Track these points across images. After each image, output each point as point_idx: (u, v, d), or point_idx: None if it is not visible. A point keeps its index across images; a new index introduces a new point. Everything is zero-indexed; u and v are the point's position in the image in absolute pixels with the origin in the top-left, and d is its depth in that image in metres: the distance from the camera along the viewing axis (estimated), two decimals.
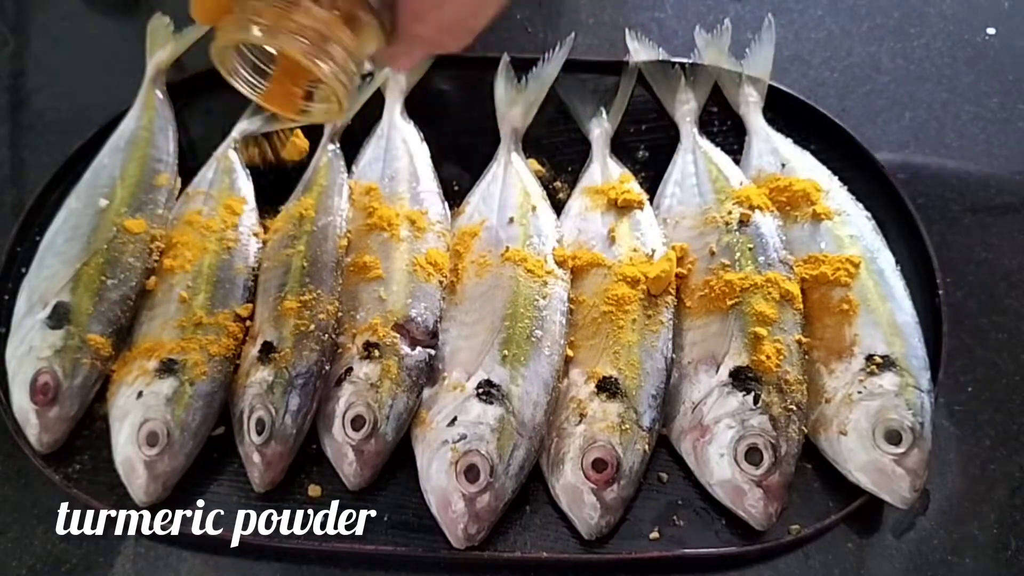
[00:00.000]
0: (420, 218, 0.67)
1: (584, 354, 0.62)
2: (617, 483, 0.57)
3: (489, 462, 0.56)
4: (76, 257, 0.65)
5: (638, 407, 0.59)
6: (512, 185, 0.70)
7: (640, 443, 0.58)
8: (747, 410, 0.58)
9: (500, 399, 0.59)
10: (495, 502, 0.56)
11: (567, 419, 0.59)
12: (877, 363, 0.60)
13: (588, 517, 0.56)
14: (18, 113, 0.80)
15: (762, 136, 0.73)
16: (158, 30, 0.79)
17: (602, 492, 0.56)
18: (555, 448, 0.59)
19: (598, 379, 0.60)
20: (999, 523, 0.60)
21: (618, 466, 0.57)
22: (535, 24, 0.81)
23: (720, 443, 0.58)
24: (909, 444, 0.57)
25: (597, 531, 0.56)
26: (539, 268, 0.64)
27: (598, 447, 0.57)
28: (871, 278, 0.64)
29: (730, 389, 0.59)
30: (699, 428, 0.59)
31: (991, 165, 0.75)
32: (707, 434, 0.58)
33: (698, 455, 0.59)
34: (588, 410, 0.59)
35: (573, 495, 0.57)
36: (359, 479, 0.58)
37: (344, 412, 0.59)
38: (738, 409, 0.58)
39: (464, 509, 0.55)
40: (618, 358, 0.60)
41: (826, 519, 0.58)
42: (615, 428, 0.58)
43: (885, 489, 0.57)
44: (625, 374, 0.60)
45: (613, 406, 0.59)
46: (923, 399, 0.59)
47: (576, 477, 0.57)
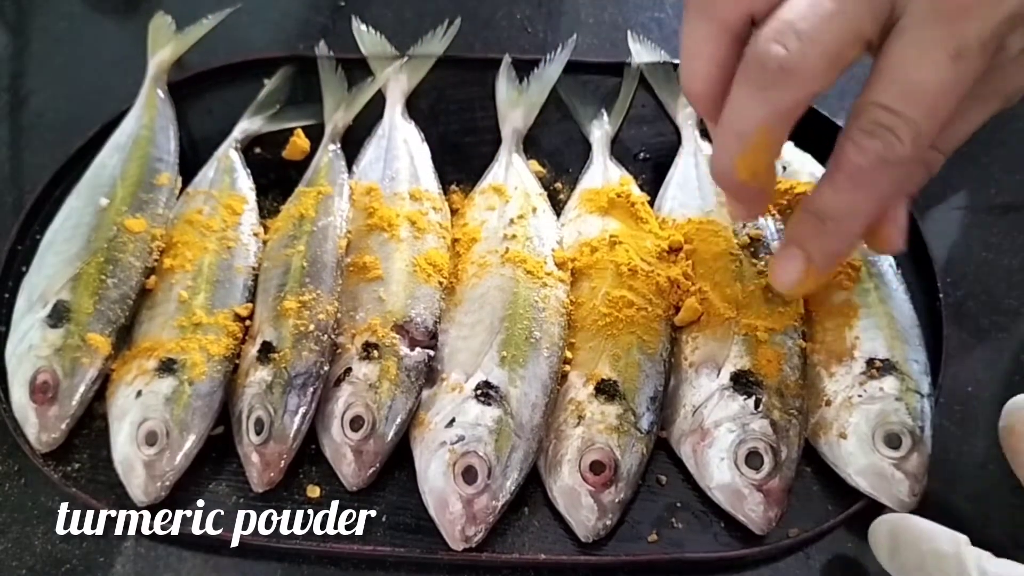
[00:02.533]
0: (420, 219, 0.67)
1: (583, 356, 0.62)
2: (615, 485, 0.57)
3: (487, 463, 0.56)
4: (76, 256, 0.65)
5: (636, 409, 0.59)
6: (513, 186, 0.70)
7: (638, 445, 0.58)
8: (748, 414, 0.58)
9: (498, 400, 0.58)
10: (493, 503, 0.56)
11: (565, 421, 0.59)
12: (877, 367, 0.60)
13: (585, 519, 0.56)
14: (18, 113, 0.80)
15: None
16: (160, 29, 0.79)
17: (600, 494, 0.56)
18: (553, 450, 0.59)
19: (597, 381, 0.60)
20: (999, 523, 0.60)
21: (616, 468, 0.57)
22: (535, 24, 0.81)
23: (720, 447, 0.58)
24: (909, 448, 0.57)
25: (595, 533, 0.56)
26: (539, 269, 0.64)
27: (596, 449, 0.57)
28: (872, 281, 0.64)
29: (731, 393, 0.59)
30: (699, 432, 0.59)
31: (991, 165, 0.75)
32: (707, 438, 0.58)
33: (698, 459, 0.59)
34: (586, 412, 0.59)
35: (570, 497, 0.57)
36: (358, 479, 0.58)
37: (343, 412, 0.59)
38: (739, 413, 0.58)
39: (461, 510, 0.55)
40: (617, 360, 0.60)
41: (825, 522, 0.58)
42: (613, 430, 0.58)
43: (884, 493, 0.57)
44: (624, 376, 0.60)
45: (611, 408, 0.59)
46: (923, 403, 0.59)
47: (574, 479, 0.57)
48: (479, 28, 0.84)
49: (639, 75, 0.77)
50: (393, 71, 0.77)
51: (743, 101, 0.46)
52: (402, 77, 0.77)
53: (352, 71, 0.78)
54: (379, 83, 0.77)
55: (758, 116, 0.45)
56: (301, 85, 0.79)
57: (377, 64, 0.78)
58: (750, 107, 0.46)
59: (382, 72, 0.77)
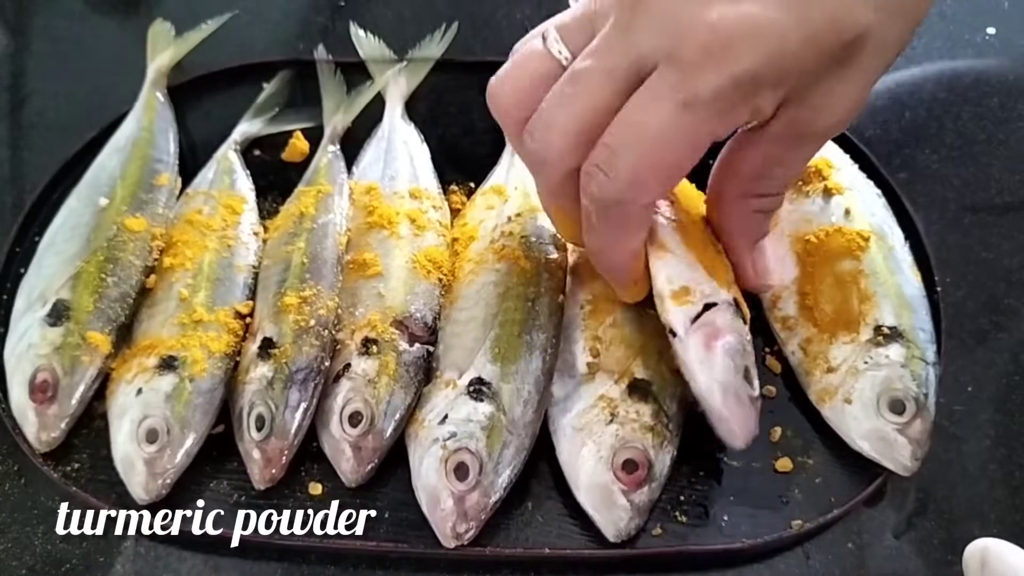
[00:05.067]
0: (420, 216, 0.68)
1: (613, 353, 0.61)
2: (648, 485, 0.56)
3: (479, 460, 0.56)
4: (76, 255, 0.65)
5: (668, 411, 0.59)
6: (513, 187, 0.70)
7: (669, 447, 0.58)
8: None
9: (490, 396, 0.58)
10: (484, 500, 0.56)
11: (596, 417, 0.59)
12: (884, 334, 0.60)
13: (618, 519, 0.56)
14: (18, 113, 0.80)
15: None
16: (159, 35, 0.80)
17: (632, 494, 0.56)
18: (579, 444, 0.58)
19: (630, 379, 0.59)
20: (999, 523, 0.60)
21: (650, 468, 0.56)
22: (535, 24, 0.81)
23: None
24: (912, 414, 0.58)
25: (626, 533, 0.56)
26: (534, 267, 0.64)
27: (630, 448, 0.57)
28: (880, 252, 0.64)
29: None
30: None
31: (991, 165, 0.75)
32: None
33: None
34: (619, 410, 0.58)
35: (601, 496, 0.56)
36: (356, 475, 0.58)
37: (342, 408, 0.59)
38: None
39: (453, 507, 0.55)
40: (649, 358, 0.60)
41: (828, 514, 0.58)
42: (648, 430, 0.57)
43: (887, 457, 0.58)
44: (656, 376, 0.59)
45: (646, 408, 0.58)
46: (928, 371, 0.60)
47: (606, 477, 0.56)
48: (479, 28, 0.84)
49: None
50: (392, 75, 0.77)
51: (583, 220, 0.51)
52: (401, 80, 0.77)
53: (351, 74, 0.78)
54: (377, 87, 0.77)
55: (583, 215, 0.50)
56: (300, 88, 0.79)
57: (375, 68, 0.78)
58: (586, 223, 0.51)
59: (381, 76, 0.77)
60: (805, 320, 0.63)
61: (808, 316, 0.63)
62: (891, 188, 0.69)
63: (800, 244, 0.66)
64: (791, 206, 0.67)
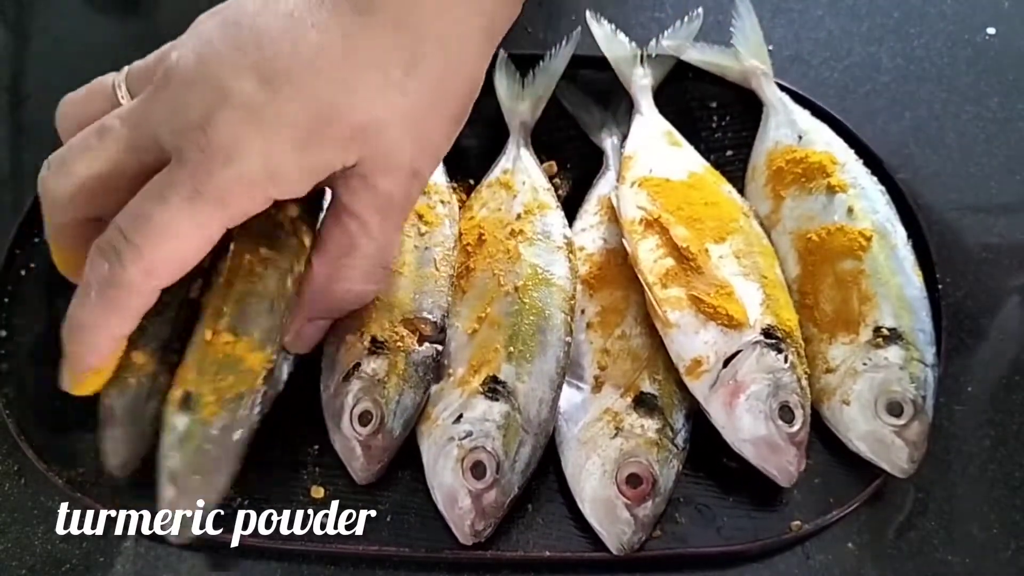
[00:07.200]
0: (428, 212, 0.67)
1: (620, 366, 0.61)
2: (651, 500, 0.56)
3: (495, 459, 0.56)
4: None
5: (674, 425, 0.59)
6: (521, 181, 0.70)
7: (675, 462, 0.58)
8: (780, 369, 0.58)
9: (506, 396, 0.58)
10: (502, 498, 0.56)
11: (601, 431, 0.59)
12: (884, 335, 0.60)
13: (621, 533, 0.56)
14: (18, 113, 0.80)
15: (779, 108, 0.72)
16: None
17: (635, 508, 0.56)
18: (584, 457, 0.58)
19: (636, 393, 0.59)
20: (999, 523, 0.60)
21: (654, 483, 0.56)
22: (535, 24, 0.81)
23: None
24: (910, 416, 0.58)
25: (629, 547, 0.56)
26: (546, 265, 0.64)
27: (635, 462, 0.57)
28: (882, 251, 0.64)
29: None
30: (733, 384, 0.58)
31: (991, 165, 0.75)
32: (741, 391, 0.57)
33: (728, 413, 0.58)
34: (624, 423, 0.58)
35: (605, 509, 0.56)
36: (367, 474, 0.58)
37: (352, 408, 0.59)
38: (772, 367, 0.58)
39: (471, 505, 0.55)
40: (656, 372, 0.60)
41: (827, 514, 0.58)
42: (653, 444, 0.57)
43: (884, 459, 0.58)
44: (663, 390, 0.59)
45: (651, 422, 0.58)
46: (927, 373, 0.60)
47: (610, 491, 0.57)
48: None
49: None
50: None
51: None
52: None
53: None
54: None
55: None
56: None
57: None
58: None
59: None
60: (805, 320, 0.63)
61: (808, 316, 0.64)
62: (895, 185, 0.69)
63: (802, 242, 0.66)
64: (793, 203, 0.67)
